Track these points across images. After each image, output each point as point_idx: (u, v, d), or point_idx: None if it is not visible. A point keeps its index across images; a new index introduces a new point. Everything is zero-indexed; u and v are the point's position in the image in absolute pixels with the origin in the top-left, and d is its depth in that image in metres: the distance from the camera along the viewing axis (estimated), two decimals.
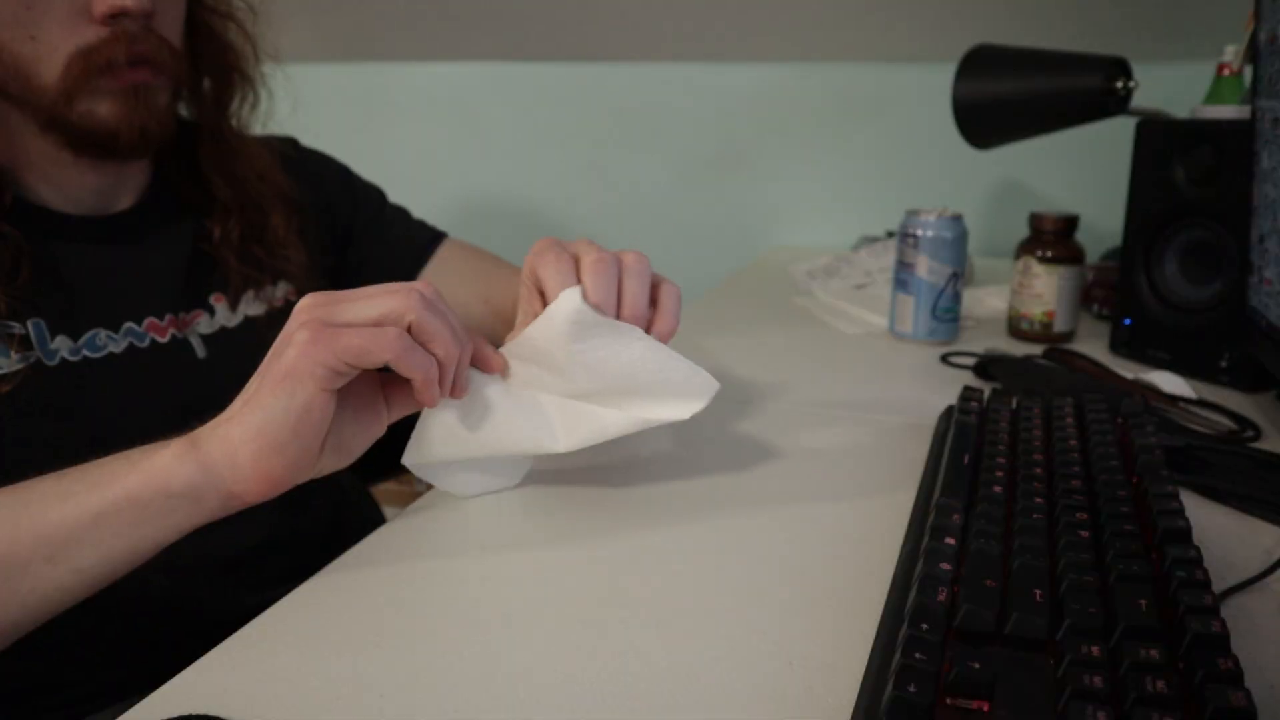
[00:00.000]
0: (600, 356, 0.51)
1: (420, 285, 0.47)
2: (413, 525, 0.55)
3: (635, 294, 0.52)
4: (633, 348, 0.51)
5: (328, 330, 0.44)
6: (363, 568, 0.50)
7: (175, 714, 0.37)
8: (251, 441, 0.44)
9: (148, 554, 0.47)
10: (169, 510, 0.45)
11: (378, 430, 0.51)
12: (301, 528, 0.71)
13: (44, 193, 0.63)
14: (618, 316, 0.52)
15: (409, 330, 0.46)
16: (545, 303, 0.51)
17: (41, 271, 0.60)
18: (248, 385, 0.47)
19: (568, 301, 0.49)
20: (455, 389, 0.49)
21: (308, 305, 0.46)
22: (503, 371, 0.53)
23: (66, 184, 0.63)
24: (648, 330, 0.53)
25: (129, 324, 0.63)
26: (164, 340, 0.65)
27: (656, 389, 0.52)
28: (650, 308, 0.54)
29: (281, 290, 0.73)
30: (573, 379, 0.52)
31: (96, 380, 0.60)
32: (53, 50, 0.57)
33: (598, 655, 0.42)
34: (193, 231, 0.70)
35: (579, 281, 0.51)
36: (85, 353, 0.61)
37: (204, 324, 0.68)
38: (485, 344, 0.52)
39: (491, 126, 1.67)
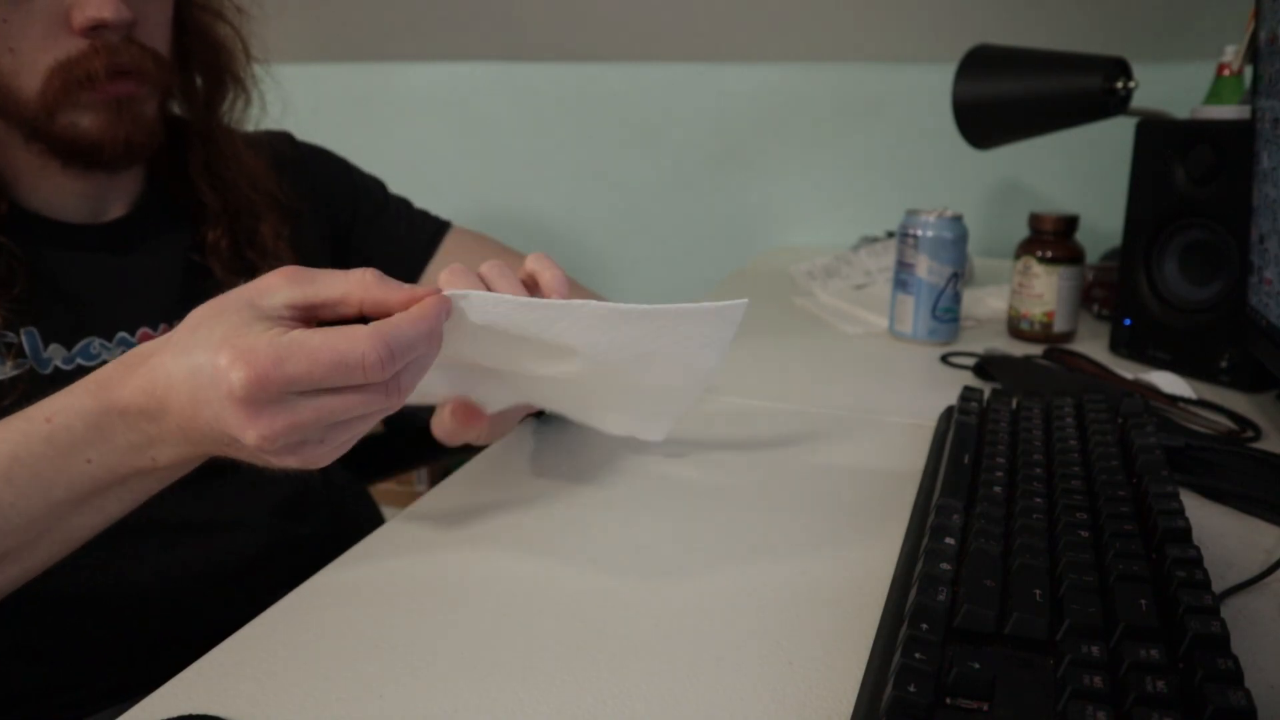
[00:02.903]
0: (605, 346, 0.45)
1: (387, 403, 0.41)
2: (412, 525, 0.55)
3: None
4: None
5: (310, 456, 0.41)
6: (362, 568, 0.50)
7: (175, 714, 0.37)
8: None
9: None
10: (156, 481, 0.46)
11: None
12: (301, 532, 0.71)
13: (36, 201, 0.63)
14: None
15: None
16: None
17: (36, 280, 0.60)
18: (192, 331, 0.40)
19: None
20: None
21: (264, 445, 0.38)
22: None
23: (56, 193, 0.63)
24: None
25: (122, 333, 0.63)
26: None
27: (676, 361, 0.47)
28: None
29: None
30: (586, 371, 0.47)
31: None
32: (32, 63, 0.57)
33: (597, 654, 0.42)
34: (187, 239, 0.69)
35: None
36: (79, 361, 0.60)
37: None
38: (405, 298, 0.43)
39: (491, 127, 1.66)
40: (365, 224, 0.84)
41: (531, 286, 0.51)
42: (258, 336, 0.38)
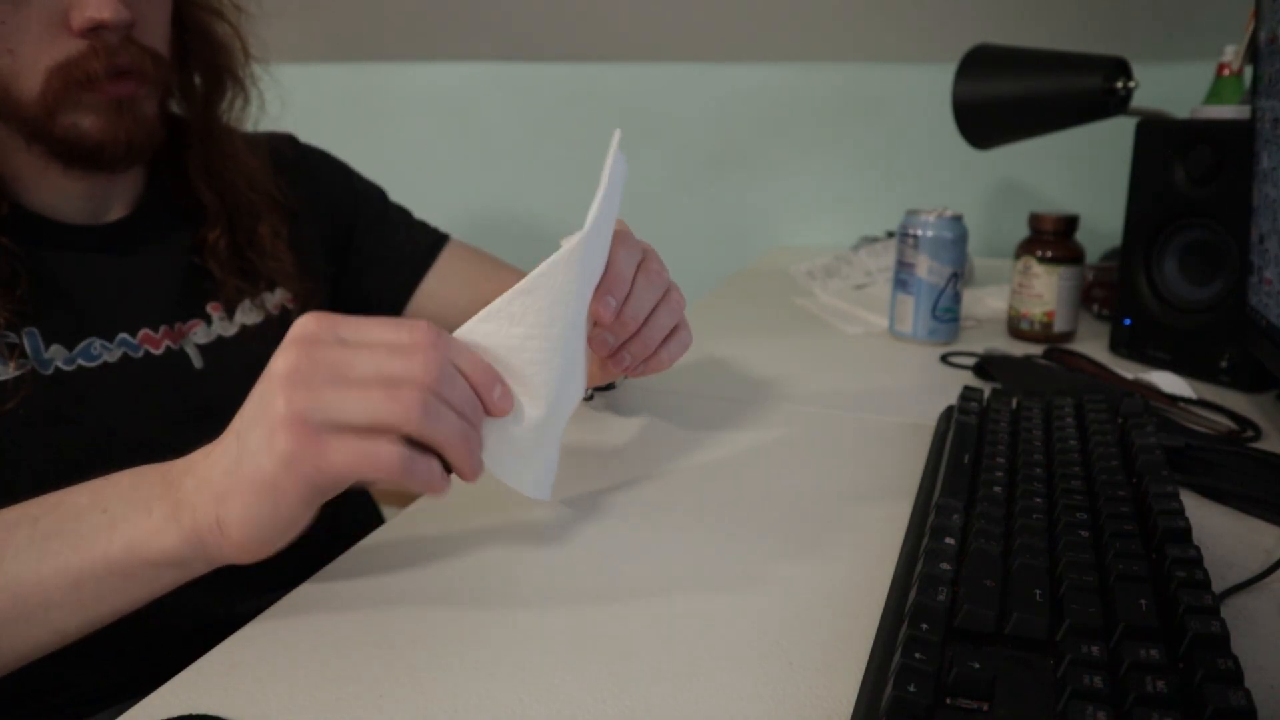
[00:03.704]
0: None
1: (423, 374, 0.40)
2: (412, 525, 0.55)
3: (641, 293, 0.52)
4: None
5: (314, 441, 0.39)
6: (362, 567, 0.50)
7: (175, 714, 0.37)
8: (240, 529, 0.42)
9: (132, 610, 0.45)
10: (153, 578, 0.44)
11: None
12: (301, 531, 0.71)
13: (38, 203, 0.63)
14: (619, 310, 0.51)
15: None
16: None
17: (37, 281, 0.60)
18: (236, 423, 0.42)
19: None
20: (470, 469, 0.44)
21: (289, 371, 0.39)
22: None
23: (58, 194, 0.63)
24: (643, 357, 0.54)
25: (123, 334, 0.63)
26: (158, 352, 0.65)
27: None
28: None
29: (277, 297, 0.73)
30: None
31: (92, 389, 0.60)
32: (32, 64, 0.57)
33: (597, 654, 0.42)
34: (188, 240, 0.69)
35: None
36: (80, 362, 0.60)
37: (200, 334, 0.68)
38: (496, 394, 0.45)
39: (491, 127, 1.66)
40: (365, 230, 0.84)
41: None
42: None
